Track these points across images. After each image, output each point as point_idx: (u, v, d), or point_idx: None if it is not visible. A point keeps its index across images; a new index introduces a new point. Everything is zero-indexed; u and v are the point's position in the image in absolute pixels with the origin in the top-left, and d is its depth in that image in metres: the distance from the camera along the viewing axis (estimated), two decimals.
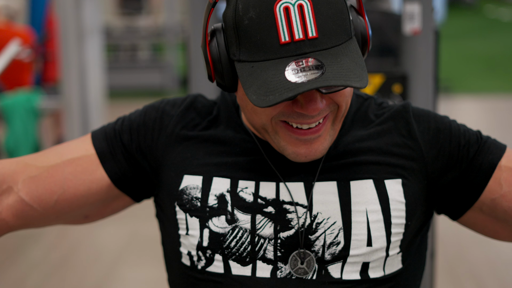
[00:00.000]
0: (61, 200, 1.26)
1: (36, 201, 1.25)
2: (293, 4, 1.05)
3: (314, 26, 1.05)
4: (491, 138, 1.25)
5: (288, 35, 1.05)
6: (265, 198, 1.19)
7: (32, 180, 1.25)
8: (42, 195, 1.25)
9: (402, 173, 1.21)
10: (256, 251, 1.18)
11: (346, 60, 1.06)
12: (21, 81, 5.63)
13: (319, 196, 1.19)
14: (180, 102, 1.31)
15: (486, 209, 1.23)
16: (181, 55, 10.14)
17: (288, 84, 1.03)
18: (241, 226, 1.19)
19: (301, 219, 1.18)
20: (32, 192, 1.25)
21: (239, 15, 1.08)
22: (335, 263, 1.18)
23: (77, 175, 1.26)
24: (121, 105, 8.51)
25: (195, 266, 1.21)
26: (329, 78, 1.02)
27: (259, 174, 1.21)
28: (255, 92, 1.05)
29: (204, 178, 1.22)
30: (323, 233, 1.18)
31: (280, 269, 1.18)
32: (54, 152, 1.29)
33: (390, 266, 1.20)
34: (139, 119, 1.30)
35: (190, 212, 1.21)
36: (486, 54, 12.46)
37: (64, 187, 1.25)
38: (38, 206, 1.25)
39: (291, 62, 1.05)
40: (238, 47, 1.09)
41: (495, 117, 8.05)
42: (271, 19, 1.06)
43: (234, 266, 1.19)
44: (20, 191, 1.25)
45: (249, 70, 1.08)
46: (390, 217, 1.19)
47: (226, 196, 1.20)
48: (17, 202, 1.25)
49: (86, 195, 1.27)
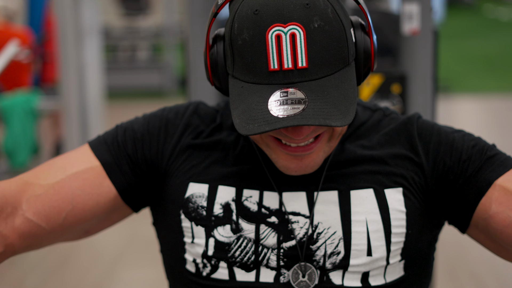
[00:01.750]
0: (70, 216, 1.22)
1: (44, 220, 1.20)
2: (286, 33, 1.03)
3: (305, 56, 1.04)
4: (504, 155, 1.20)
5: (277, 63, 1.04)
6: (268, 208, 1.19)
7: (38, 199, 1.20)
8: (50, 214, 1.20)
9: (403, 183, 1.20)
10: (260, 260, 1.18)
11: (334, 93, 1.04)
12: (20, 82, 5.63)
13: (320, 206, 1.18)
14: (183, 110, 1.28)
15: (481, 228, 1.19)
16: (180, 56, 10.14)
17: (268, 116, 1.02)
18: (245, 235, 1.18)
19: (302, 229, 1.18)
20: (39, 212, 1.20)
21: (234, 34, 1.07)
22: (336, 271, 1.17)
23: (85, 189, 1.22)
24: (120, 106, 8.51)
25: (200, 272, 1.21)
26: (308, 116, 1.01)
27: (262, 183, 1.20)
28: (238, 116, 1.05)
29: (210, 186, 1.21)
30: (324, 243, 1.17)
31: (283, 275, 1.18)
32: (55, 167, 1.24)
33: (391, 274, 1.20)
34: (142, 128, 1.26)
35: (195, 221, 1.21)
36: (485, 53, 12.47)
37: (73, 203, 1.21)
38: (47, 225, 1.21)
39: (277, 91, 1.04)
40: (232, 63, 1.09)
41: (494, 116, 8.05)
42: (262, 44, 1.04)
43: (238, 273, 1.18)
44: (26, 212, 1.19)
45: (239, 90, 1.08)
46: (390, 226, 1.18)
47: (231, 205, 1.20)
48: (23, 223, 1.19)
49: (95, 209, 1.23)
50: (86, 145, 1.27)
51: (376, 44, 1.14)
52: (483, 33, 15.06)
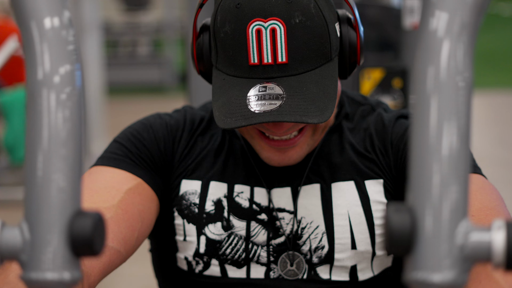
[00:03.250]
0: (140, 235, 1.15)
1: (122, 243, 1.10)
2: (266, 28, 1.03)
3: (285, 51, 1.04)
4: None
5: (257, 58, 1.04)
6: (259, 204, 1.19)
7: (111, 221, 1.09)
8: (126, 235, 1.11)
9: (383, 174, 1.19)
10: (250, 257, 1.19)
11: (313, 88, 1.04)
12: (20, 77, 5.62)
13: (302, 200, 1.18)
14: (180, 116, 1.26)
15: None
16: (180, 51, 10.14)
17: (245, 111, 1.03)
18: (236, 233, 1.19)
19: (288, 225, 1.18)
20: (117, 235, 1.09)
21: (217, 26, 1.08)
22: (323, 265, 1.17)
23: (145, 204, 1.16)
24: (121, 101, 8.52)
25: (192, 270, 1.21)
26: (285, 112, 1.01)
27: (253, 179, 1.20)
28: (218, 109, 1.06)
29: (202, 183, 1.21)
30: (308, 238, 1.17)
31: (273, 270, 1.19)
32: (104, 190, 1.14)
33: (379, 265, 1.19)
34: (150, 137, 1.22)
35: (187, 218, 1.21)
36: (486, 49, 12.46)
37: (141, 219, 1.15)
38: (124, 250, 1.11)
39: (257, 85, 1.04)
40: (216, 55, 1.10)
41: (495, 112, 8.05)
42: (243, 38, 1.04)
43: (230, 269, 1.19)
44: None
45: (221, 82, 1.08)
46: (373, 218, 1.17)
47: (223, 201, 1.20)
48: (104, 253, 1.04)
49: (153, 223, 1.19)
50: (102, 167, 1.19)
51: (363, 37, 1.13)
52: (484, 28, 15.03)
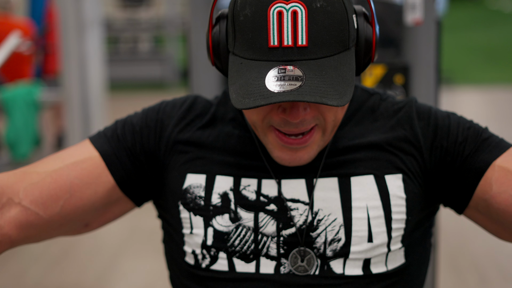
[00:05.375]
0: (67, 205, 1.21)
1: (41, 207, 1.20)
2: (287, 10, 1.04)
3: (305, 34, 1.04)
4: (497, 137, 1.22)
5: (277, 40, 1.05)
6: (267, 196, 1.19)
7: (35, 186, 1.20)
8: (48, 201, 1.20)
9: (402, 168, 1.20)
10: (259, 249, 1.18)
11: (332, 73, 1.05)
12: (22, 74, 5.62)
13: (320, 193, 1.18)
14: (180, 103, 1.29)
15: (481, 209, 1.20)
16: (181, 47, 10.13)
17: (264, 91, 1.02)
18: (244, 224, 1.18)
19: (302, 216, 1.18)
20: (37, 199, 1.20)
21: (236, 10, 1.08)
22: (337, 259, 1.17)
23: (83, 179, 1.22)
24: (122, 98, 8.51)
25: (199, 264, 1.21)
26: (305, 93, 1.01)
27: (261, 172, 1.20)
28: (235, 91, 1.06)
29: (207, 176, 1.22)
30: (324, 230, 1.17)
31: (283, 265, 1.18)
32: (53, 158, 1.25)
33: (393, 261, 1.20)
34: (141, 121, 1.27)
35: (194, 211, 1.21)
36: (487, 45, 12.44)
37: (70, 191, 1.21)
38: (44, 213, 1.20)
39: (275, 67, 1.04)
40: (233, 40, 1.10)
41: (496, 108, 8.03)
42: (264, 20, 1.05)
43: (238, 264, 1.19)
44: (23, 200, 1.19)
45: (238, 67, 1.08)
46: (391, 212, 1.18)
47: (229, 194, 1.20)
48: (20, 212, 1.19)
49: (92, 199, 1.23)
50: (87, 140, 1.27)
51: (378, 35, 1.14)
52: (486, 24, 15.02)
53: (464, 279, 3.58)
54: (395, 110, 1.24)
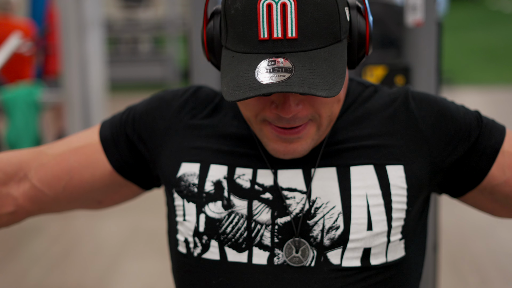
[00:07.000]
0: (69, 186, 1.31)
1: (46, 187, 1.30)
2: (277, 2, 1.05)
3: (294, 26, 1.05)
4: (490, 119, 1.25)
5: (267, 32, 1.05)
6: (262, 184, 1.19)
7: (42, 167, 1.31)
8: (51, 182, 1.31)
9: (404, 158, 1.20)
10: (252, 237, 1.17)
11: (323, 65, 1.05)
12: (22, 74, 5.63)
13: (318, 182, 1.19)
14: (182, 92, 1.32)
15: (486, 192, 1.23)
16: (182, 48, 10.13)
17: (254, 83, 1.03)
18: (237, 211, 1.18)
19: (299, 204, 1.17)
20: (43, 179, 1.30)
21: (227, 4, 1.09)
22: (335, 249, 1.16)
23: (82, 162, 1.30)
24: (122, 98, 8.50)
25: (191, 253, 1.21)
26: (293, 83, 1.02)
27: (256, 162, 1.21)
28: (226, 84, 1.06)
29: (202, 165, 1.23)
30: (322, 217, 1.17)
31: (277, 256, 1.17)
32: (63, 142, 1.34)
33: (393, 252, 1.19)
34: (142, 109, 1.32)
35: (187, 198, 1.22)
36: (488, 45, 12.44)
37: (70, 174, 1.30)
38: (49, 192, 1.31)
39: (265, 60, 1.05)
40: (226, 34, 1.11)
41: (497, 108, 8.03)
42: (254, 13, 1.06)
43: (230, 253, 1.18)
44: (33, 178, 1.30)
45: (229, 60, 1.09)
46: (391, 202, 1.18)
47: (223, 182, 1.20)
48: (30, 188, 1.30)
49: (92, 182, 1.31)
50: (99, 124, 1.34)
51: (372, 27, 1.14)
52: (486, 25, 15.02)
53: (465, 280, 3.59)
54: (392, 99, 1.25)
